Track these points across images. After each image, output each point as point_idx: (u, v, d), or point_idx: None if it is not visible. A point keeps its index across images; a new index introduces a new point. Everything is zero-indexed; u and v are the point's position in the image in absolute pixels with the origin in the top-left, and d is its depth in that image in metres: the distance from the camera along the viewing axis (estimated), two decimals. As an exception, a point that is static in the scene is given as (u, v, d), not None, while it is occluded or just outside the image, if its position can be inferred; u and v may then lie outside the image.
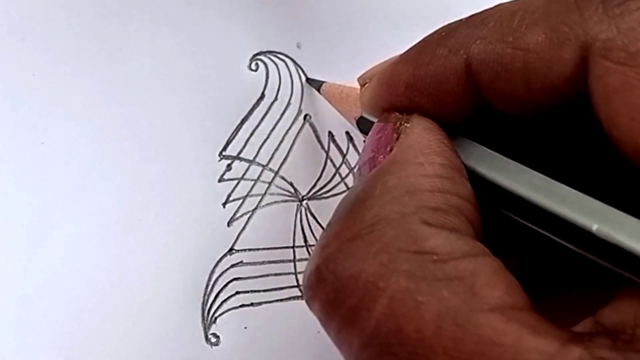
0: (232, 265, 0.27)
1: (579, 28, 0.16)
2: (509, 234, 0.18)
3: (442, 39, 0.18)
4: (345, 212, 0.17)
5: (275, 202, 0.28)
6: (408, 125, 0.18)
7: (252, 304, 0.27)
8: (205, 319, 0.27)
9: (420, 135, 0.18)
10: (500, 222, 0.18)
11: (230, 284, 0.27)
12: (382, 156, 0.18)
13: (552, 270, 0.20)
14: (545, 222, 0.16)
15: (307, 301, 0.17)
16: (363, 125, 0.22)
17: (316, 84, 0.28)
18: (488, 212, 0.17)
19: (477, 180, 0.17)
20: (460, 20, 0.19)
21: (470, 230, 0.16)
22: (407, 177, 0.17)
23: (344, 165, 0.29)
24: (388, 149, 0.18)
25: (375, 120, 0.20)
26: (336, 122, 0.29)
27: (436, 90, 0.18)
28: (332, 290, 0.16)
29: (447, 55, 0.18)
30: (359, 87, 0.22)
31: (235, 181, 0.28)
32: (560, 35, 0.16)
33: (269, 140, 0.28)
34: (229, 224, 0.28)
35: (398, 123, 0.19)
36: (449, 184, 0.17)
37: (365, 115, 0.21)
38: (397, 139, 0.18)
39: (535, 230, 0.17)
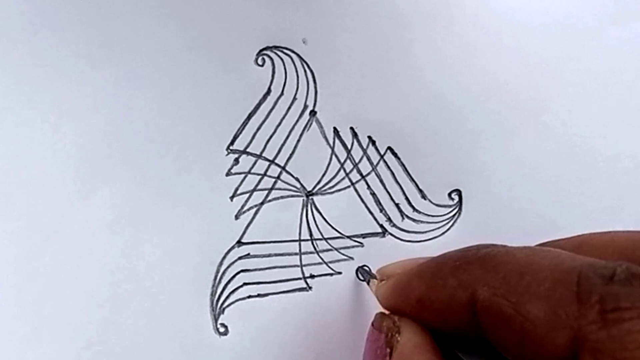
0: (240, 258, 0.28)
1: (575, 321, 0.16)
2: None
3: (455, 270, 0.20)
4: None
5: (282, 197, 0.29)
6: (399, 338, 0.21)
7: (258, 295, 0.28)
8: (214, 309, 0.27)
9: (411, 353, 0.20)
10: None
11: (238, 276, 0.28)
12: None
13: None
14: None
15: None
16: None
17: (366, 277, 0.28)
18: None
19: None
20: (478, 250, 0.20)
21: None
22: None
23: (348, 161, 0.29)
24: None
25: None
26: (341, 118, 0.30)
27: (443, 313, 0.20)
28: None
29: (456, 288, 0.19)
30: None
31: (243, 175, 0.29)
32: (557, 319, 0.16)
33: (275, 136, 0.29)
34: (236, 217, 0.28)
35: (390, 334, 0.21)
36: None
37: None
38: (391, 354, 0.20)
39: None
